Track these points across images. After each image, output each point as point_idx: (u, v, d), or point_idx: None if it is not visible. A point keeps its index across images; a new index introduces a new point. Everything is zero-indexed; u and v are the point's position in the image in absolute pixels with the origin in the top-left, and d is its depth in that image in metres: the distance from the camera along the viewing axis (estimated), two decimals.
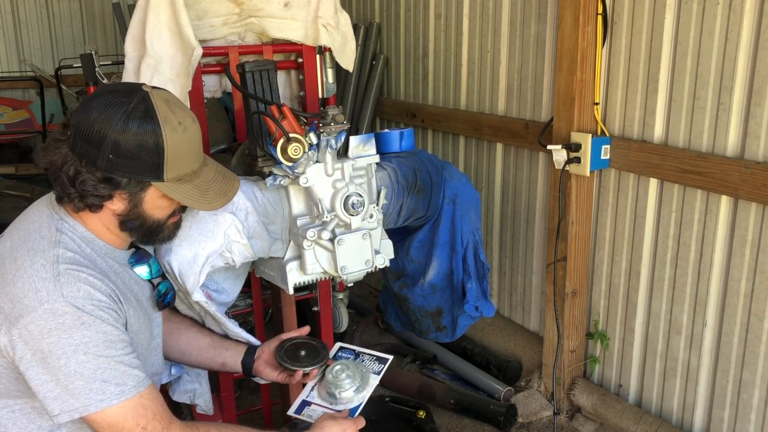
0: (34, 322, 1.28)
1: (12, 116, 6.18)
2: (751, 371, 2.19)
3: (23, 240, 1.37)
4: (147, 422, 1.36)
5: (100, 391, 1.31)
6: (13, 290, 1.30)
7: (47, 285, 1.30)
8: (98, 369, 1.31)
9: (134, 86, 1.39)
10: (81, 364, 1.30)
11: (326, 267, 1.81)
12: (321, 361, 1.76)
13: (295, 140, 1.65)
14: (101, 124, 1.31)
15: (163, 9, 1.94)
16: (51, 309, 1.28)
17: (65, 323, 1.29)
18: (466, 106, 3.37)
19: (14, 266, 1.33)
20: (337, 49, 2.25)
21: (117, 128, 1.31)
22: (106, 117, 1.31)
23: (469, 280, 2.27)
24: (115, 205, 1.39)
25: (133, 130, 1.32)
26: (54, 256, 1.33)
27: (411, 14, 3.74)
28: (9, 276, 1.32)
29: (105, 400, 1.31)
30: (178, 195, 1.41)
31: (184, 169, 1.41)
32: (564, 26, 2.49)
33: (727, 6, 2.09)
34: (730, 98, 2.12)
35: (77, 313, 1.30)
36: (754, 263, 2.14)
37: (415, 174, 2.11)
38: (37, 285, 1.30)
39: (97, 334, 1.31)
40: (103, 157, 1.32)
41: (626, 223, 2.55)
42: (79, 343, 1.30)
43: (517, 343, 3.16)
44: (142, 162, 1.35)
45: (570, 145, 2.51)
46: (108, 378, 1.32)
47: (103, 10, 6.53)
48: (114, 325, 1.35)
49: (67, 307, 1.29)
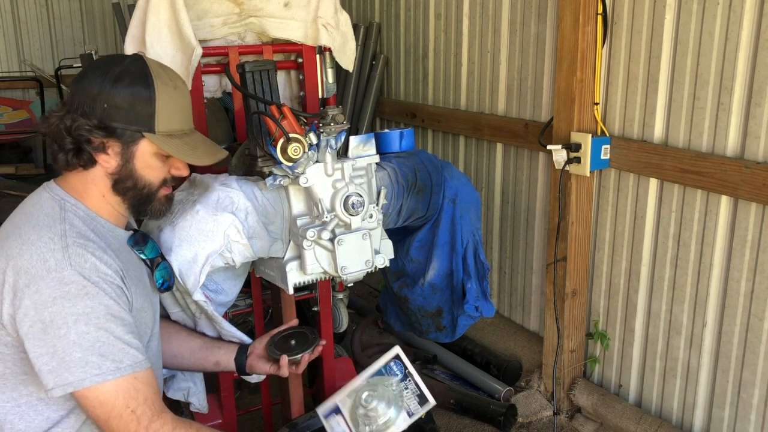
0: (40, 291, 1.28)
1: (12, 116, 6.18)
2: (751, 371, 2.20)
3: (26, 219, 1.38)
4: (137, 405, 1.34)
5: (96, 365, 1.30)
6: (20, 262, 1.31)
7: (56, 255, 1.31)
8: (97, 342, 1.31)
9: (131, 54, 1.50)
10: (81, 335, 1.29)
11: (326, 267, 1.81)
12: (310, 346, 1.75)
13: (295, 140, 1.65)
14: (97, 79, 1.39)
15: (163, 9, 1.94)
16: (59, 277, 1.29)
17: (70, 292, 1.29)
18: (466, 106, 3.37)
19: (20, 241, 1.33)
20: (337, 49, 2.25)
21: (111, 81, 1.39)
22: (102, 73, 1.40)
23: (469, 280, 2.27)
24: (109, 161, 1.42)
25: (127, 81, 1.40)
26: (61, 230, 1.35)
27: (411, 14, 3.74)
28: (15, 251, 1.32)
29: (100, 375, 1.30)
30: (170, 147, 1.45)
31: (174, 125, 1.47)
32: (564, 26, 2.49)
33: (727, 6, 2.09)
34: (730, 98, 2.12)
35: (83, 282, 1.31)
36: (754, 263, 2.14)
37: (415, 174, 2.11)
38: (45, 255, 1.31)
39: (100, 306, 1.32)
40: (98, 107, 1.38)
41: (626, 223, 2.55)
42: (81, 312, 1.30)
43: (517, 343, 3.16)
44: (134, 112, 1.40)
45: (570, 145, 2.51)
46: (105, 353, 1.31)
47: (103, 10, 6.53)
48: (117, 301, 1.36)
49: (74, 276, 1.30)
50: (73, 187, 1.45)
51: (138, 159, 1.44)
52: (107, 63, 1.44)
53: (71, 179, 1.46)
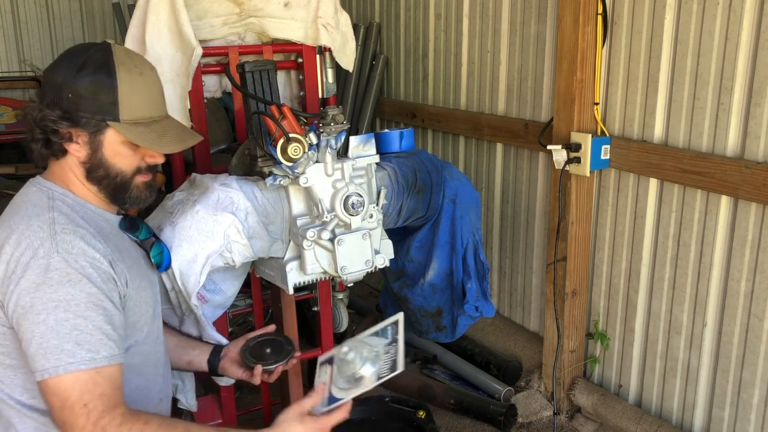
0: (26, 277, 1.29)
1: (12, 116, 6.18)
2: (751, 371, 2.19)
3: (15, 211, 1.39)
4: (91, 399, 1.30)
5: (70, 353, 1.29)
6: (10, 251, 1.32)
7: (44, 243, 1.32)
8: (74, 330, 1.30)
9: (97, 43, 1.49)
10: (59, 321, 1.29)
11: (326, 267, 1.81)
12: (285, 357, 1.75)
13: (295, 140, 1.65)
14: (62, 69, 1.40)
15: (163, 9, 1.94)
16: (45, 264, 1.30)
17: (53, 278, 1.30)
18: (466, 106, 3.37)
19: (9, 231, 1.34)
20: (337, 49, 2.25)
21: (74, 70, 1.39)
22: (67, 62, 1.41)
23: (469, 280, 2.28)
24: (78, 150, 1.43)
25: (89, 70, 1.39)
26: (50, 218, 1.36)
27: (411, 14, 3.74)
28: (2, 241, 1.34)
29: (73, 364, 1.28)
30: (134, 135, 1.44)
31: (140, 112, 1.45)
32: (564, 26, 2.49)
33: (727, 6, 2.09)
34: (730, 98, 2.12)
35: (67, 269, 1.31)
36: (754, 263, 2.14)
37: (415, 174, 2.11)
38: (34, 243, 1.31)
39: (81, 293, 1.31)
40: (63, 97, 1.38)
41: (626, 223, 2.55)
42: (61, 299, 1.29)
43: (517, 343, 3.16)
44: (98, 101, 1.40)
45: (570, 145, 2.50)
46: (82, 341, 1.30)
47: (103, 10, 6.53)
48: (101, 288, 1.34)
49: (59, 263, 1.31)
50: (58, 176, 1.46)
51: (106, 148, 1.44)
52: (73, 53, 1.44)
53: (54, 170, 1.47)
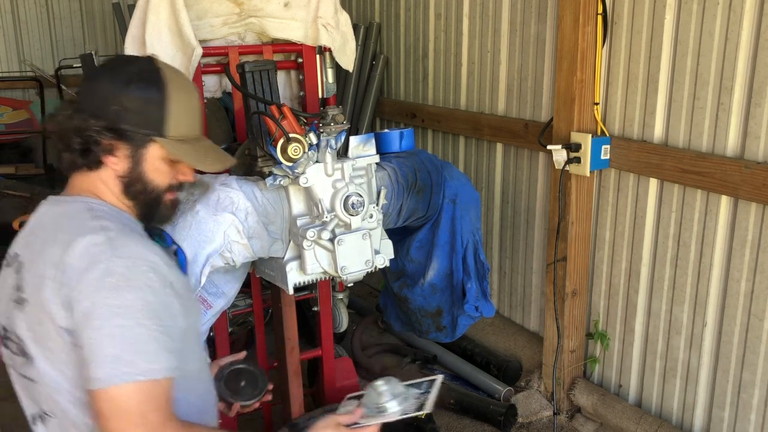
0: (86, 282, 1.24)
1: (12, 116, 6.18)
2: (751, 371, 2.19)
3: (57, 229, 1.33)
4: (150, 411, 1.25)
5: (128, 362, 1.22)
6: (67, 260, 1.26)
7: (101, 248, 1.27)
8: (134, 338, 1.24)
9: (143, 56, 1.49)
10: (119, 329, 1.23)
11: (326, 267, 1.81)
12: (260, 393, 1.76)
13: (295, 140, 1.65)
14: (108, 81, 1.37)
15: (163, 9, 1.94)
16: (105, 268, 1.25)
17: (112, 283, 1.24)
18: (466, 106, 3.37)
19: (62, 247, 1.28)
20: (337, 49, 2.25)
21: (122, 82, 1.37)
22: (113, 74, 1.39)
23: (469, 280, 2.28)
24: (118, 163, 1.39)
25: (139, 84, 1.38)
26: (100, 226, 1.32)
27: (411, 14, 3.74)
28: (58, 256, 1.27)
29: (129, 374, 1.21)
30: (181, 153, 1.43)
31: (185, 130, 1.45)
32: (564, 26, 2.49)
33: (727, 6, 2.09)
34: (730, 98, 2.12)
35: (127, 274, 1.26)
36: (754, 263, 2.14)
37: (415, 174, 2.11)
38: (91, 250, 1.27)
39: (142, 300, 1.26)
40: (109, 109, 1.36)
41: (626, 223, 2.55)
42: (121, 305, 1.24)
43: (517, 343, 3.16)
44: (146, 114, 1.38)
45: (570, 145, 2.51)
46: (141, 351, 1.24)
47: (103, 10, 6.53)
48: (161, 295, 1.29)
49: (119, 267, 1.26)
50: (87, 189, 1.42)
51: (147, 162, 1.42)
52: (119, 64, 1.43)
53: (80, 183, 1.42)
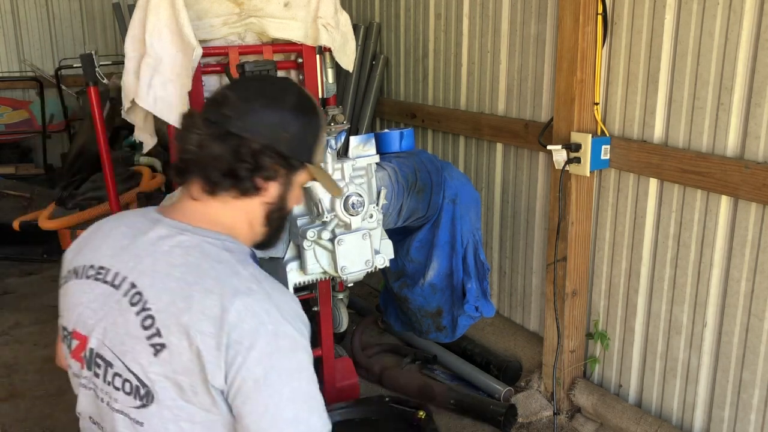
0: (257, 348, 1.17)
1: (12, 116, 6.19)
2: (751, 371, 2.19)
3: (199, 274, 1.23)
4: None
5: (305, 422, 1.20)
6: (230, 319, 1.17)
7: (264, 305, 1.20)
8: (308, 397, 1.22)
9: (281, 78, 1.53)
10: (294, 391, 1.20)
11: (326, 267, 1.81)
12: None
13: None
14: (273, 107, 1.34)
15: (163, 9, 1.94)
16: (273, 331, 1.19)
17: (284, 346, 1.20)
18: (466, 106, 3.37)
19: (218, 301, 1.19)
20: (337, 49, 2.25)
21: (288, 109, 1.35)
22: (276, 98, 1.35)
23: (469, 280, 2.28)
24: (271, 190, 1.36)
25: (302, 112, 1.37)
26: (251, 276, 1.25)
27: (411, 14, 3.74)
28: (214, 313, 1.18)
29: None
30: (323, 177, 1.46)
31: (322, 156, 1.49)
32: (564, 26, 2.49)
33: (727, 6, 2.09)
34: (730, 98, 2.12)
35: (294, 334, 1.22)
36: (754, 263, 2.14)
37: (415, 174, 2.11)
38: (254, 308, 1.19)
39: (306, 358, 1.23)
40: (278, 136, 1.33)
41: (626, 223, 2.55)
42: (294, 368, 1.21)
43: (517, 343, 3.16)
44: (305, 142, 1.38)
45: (570, 145, 2.50)
46: (314, 408, 1.22)
47: (103, 10, 6.54)
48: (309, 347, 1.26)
49: (287, 328, 1.21)
50: (216, 221, 1.33)
51: (294, 189, 1.40)
52: (277, 90, 1.38)
53: (210, 212, 1.33)
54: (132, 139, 4.09)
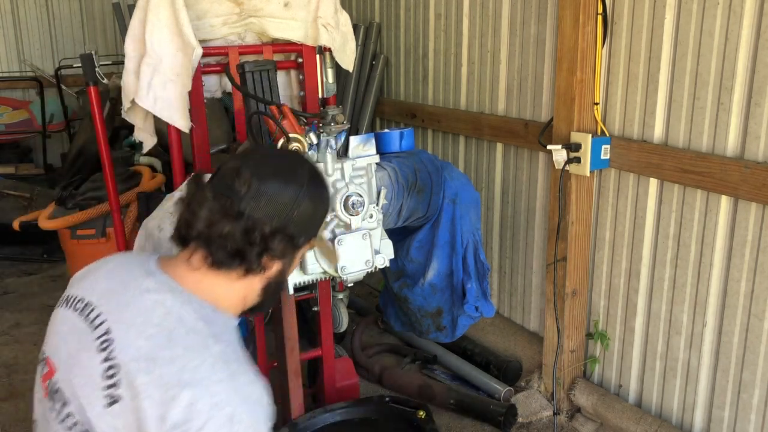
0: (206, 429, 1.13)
1: (12, 116, 6.19)
2: (751, 371, 2.19)
3: (169, 338, 1.20)
4: None
5: None
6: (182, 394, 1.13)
7: (224, 386, 1.17)
8: None
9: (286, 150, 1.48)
10: None
11: (326, 267, 1.81)
12: None
13: (295, 140, 1.65)
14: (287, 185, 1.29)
15: (163, 9, 1.94)
16: (230, 414, 1.15)
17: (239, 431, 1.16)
18: (466, 106, 3.37)
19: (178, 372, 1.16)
20: (337, 49, 2.25)
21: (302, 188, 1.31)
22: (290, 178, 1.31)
23: (469, 280, 2.28)
24: (275, 267, 1.33)
25: (313, 190, 1.34)
26: (220, 353, 1.21)
27: (411, 14, 3.74)
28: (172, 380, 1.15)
29: None
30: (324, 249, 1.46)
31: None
32: (564, 26, 2.49)
33: (727, 6, 2.09)
34: (730, 98, 2.12)
35: (253, 420, 1.18)
36: (754, 263, 2.14)
37: (415, 174, 2.11)
38: (213, 388, 1.16)
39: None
40: (288, 217, 1.29)
41: (626, 223, 2.55)
42: None
43: (517, 343, 3.16)
44: (314, 218, 1.36)
45: (570, 145, 2.50)
46: None
47: (103, 10, 6.54)
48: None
49: (245, 413, 1.17)
50: (207, 289, 1.30)
51: (295, 261, 1.39)
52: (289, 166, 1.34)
53: (204, 280, 1.30)
54: (132, 139, 4.08)
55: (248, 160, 1.33)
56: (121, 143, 4.50)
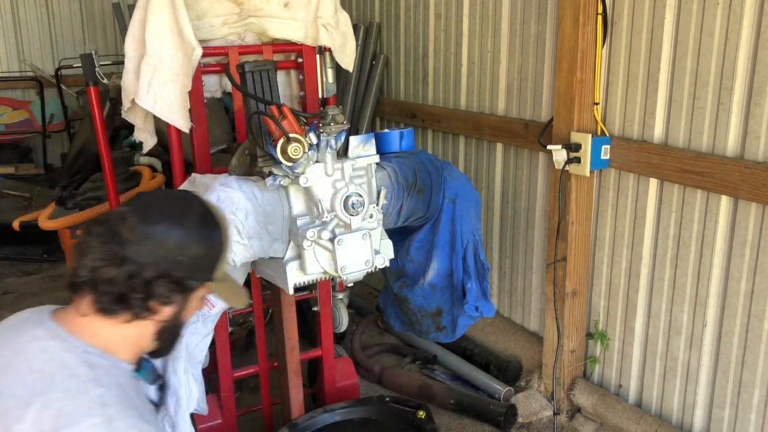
0: None
1: (12, 116, 6.19)
2: (751, 371, 2.19)
3: (48, 383, 1.20)
4: None
5: None
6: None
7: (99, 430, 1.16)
8: None
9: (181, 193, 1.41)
10: None
11: (326, 267, 1.81)
12: None
13: (295, 140, 1.65)
14: (173, 228, 1.28)
15: (163, 9, 1.94)
16: None
17: None
18: (466, 106, 3.37)
19: (52, 414, 1.15)
20: (337, 49, 2.25)
21: (189, 231, 1.30)
22: (177, 220, 1.30)
23: (469, 280, 2.28)
24: (165, 310, 1.32)
25: (202, 232, 1.32)
26: (99, 397, 1.20)
27: (411, 14, 3.74)
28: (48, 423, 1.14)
29: None
30: (223, 292, 1.40)
31: (223, 267, 1.41)
32: (564, 26, 2.49)
33: (727, 6, 2.09)
34: (730, 98, 2.12)
35: None
36: (754, 263, 2.14)
37: (415, 174, 2.11)
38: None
39: None
40: (174, 260, 1.28)
41: (626, 223, 2.55)
42: None
43: (517, 343, 3.16)
44: (206, 261, 1.34)
45: (570, 145, 2.50)
46: None
47: (103, 10, 6.53)
48: None
49: None
50: (96, 334, 1.29)
51: (190, 305, 1.36)
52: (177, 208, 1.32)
53: (92, 324, 1.29)
54: (132, 139, 4.08)
55: (136, 204, 1.33)
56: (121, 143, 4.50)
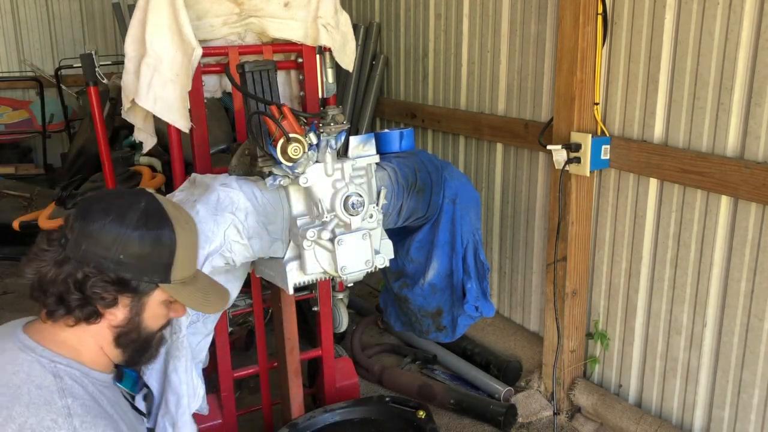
0: None
1: (12, 116, 6.20)
2: (751, 371, 2.19)
3: (14, 396, 1.18)
4: None
5: None
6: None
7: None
8: None
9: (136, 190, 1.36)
10: None
11: (326, 267, 1.81)
12: None
13: (295, 140, 1.65)
14: (110, 225, 1.25)
15: (163, 9, 1.94)
16: None
17: None
18: (466, 106, 3.37)
19: (15, 428, 1.14)
20: (337, 49, 2.25)
21: (129, 228, 1.26)
22: (116, 217, 1.26)
23: (469, 280, 2.27)
24: (117, 314, 1.29)
25: (147, 229, 1.27)
26: (64, 408, 1.19)
27: (411, 14, 3.74)
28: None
29: None
30: (184, 297, 1.35)
31: (187, 271, 1.36)
32: (564, 26, 2.49)
33: (727, 6, 2.09)
34: (730, 98, 2.12)
35: None
36: (754, 263, 2.14)
37: (415, 174, 2.11)
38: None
39: None
40: (113, 259, 1.24)
41: (626, 223, 2.55)
42: None
43: (517, 343, 3.16)
44: (152, 262, 1.29)
45: (570, 145, 2.50)
46: None
47: (103, 10, 6.54)
48: None
49: None
50: (63, 342, 1.28)
51: (147, 310, 1.33)
52: (119, 205, 1.28)
53: (60, 333, 1.28)
54: (132, 139, 4.08)
55: (82, 202, 1.31)
56: (121, 143, 4.50)
